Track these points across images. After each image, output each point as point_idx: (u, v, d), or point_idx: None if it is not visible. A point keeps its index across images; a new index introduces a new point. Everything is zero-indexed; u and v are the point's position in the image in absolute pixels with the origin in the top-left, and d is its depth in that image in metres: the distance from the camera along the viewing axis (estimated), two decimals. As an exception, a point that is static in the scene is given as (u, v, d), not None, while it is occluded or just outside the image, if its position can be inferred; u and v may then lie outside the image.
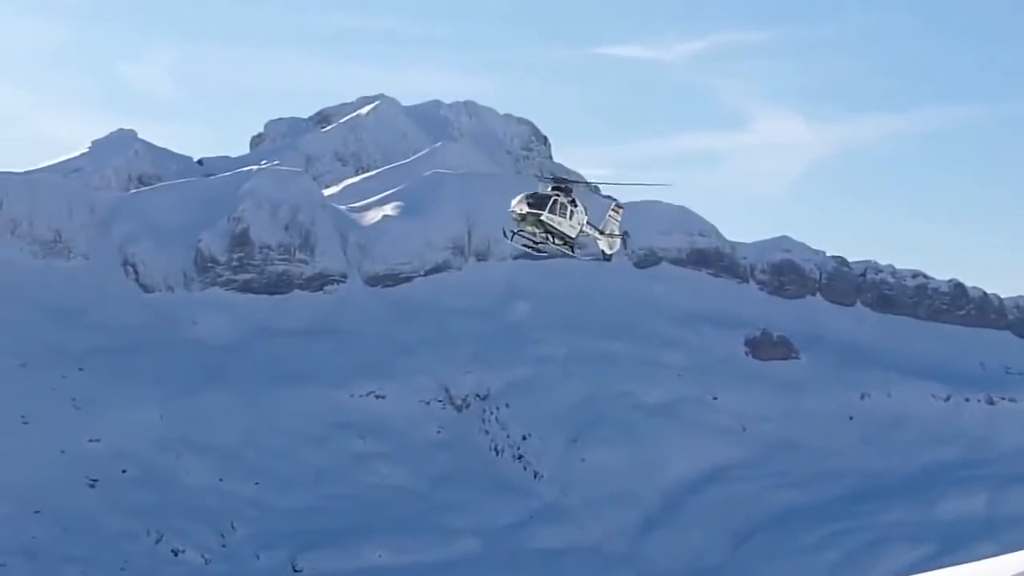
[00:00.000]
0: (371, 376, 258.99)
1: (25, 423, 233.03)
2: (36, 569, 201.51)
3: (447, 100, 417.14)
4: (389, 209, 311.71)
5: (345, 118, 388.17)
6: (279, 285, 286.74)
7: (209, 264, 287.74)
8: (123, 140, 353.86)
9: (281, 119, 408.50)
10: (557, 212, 68.30)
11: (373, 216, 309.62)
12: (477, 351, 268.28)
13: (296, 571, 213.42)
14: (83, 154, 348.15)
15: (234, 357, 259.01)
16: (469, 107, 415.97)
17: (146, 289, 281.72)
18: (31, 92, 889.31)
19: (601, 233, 73.13)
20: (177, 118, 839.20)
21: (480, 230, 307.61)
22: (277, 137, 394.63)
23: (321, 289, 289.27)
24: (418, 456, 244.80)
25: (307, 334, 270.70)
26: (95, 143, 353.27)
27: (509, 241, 70.16)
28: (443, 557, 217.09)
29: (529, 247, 69.76)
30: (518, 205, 67.97)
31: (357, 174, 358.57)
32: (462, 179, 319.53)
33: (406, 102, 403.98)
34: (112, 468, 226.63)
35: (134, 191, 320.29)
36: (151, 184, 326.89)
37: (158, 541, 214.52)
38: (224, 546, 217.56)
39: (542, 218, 67.96)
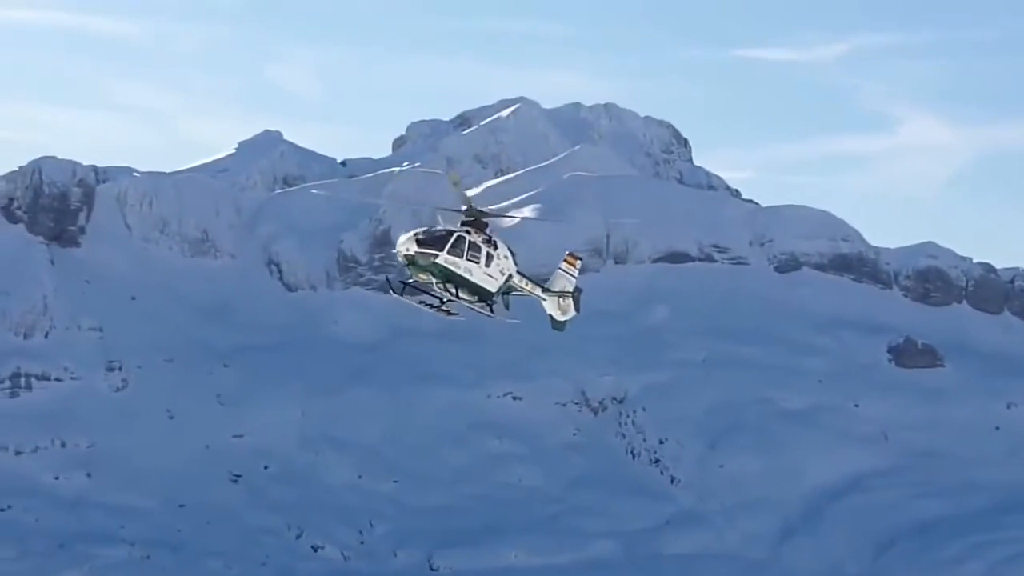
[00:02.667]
0: (508, 378, 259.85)
1: (171, 418, 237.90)
2: (179, 561, 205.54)
3: (587, 103, 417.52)
4: (528, 211, 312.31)
5: (485, 120, 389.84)
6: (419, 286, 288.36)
7: (351, 264, 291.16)
8: (269, 141, 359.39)
9: (423, 121, 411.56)
10: (464, 255, 53.06)
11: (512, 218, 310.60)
12: (614, 354, 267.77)
13: (432, 569, 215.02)
14: (230, 155, 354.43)
15: (375, 356, 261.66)
16: (609, 109, 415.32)
17: (289, 288, 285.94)
18: (180, 94, 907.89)
19: (546, 291, 56.49)
20: (322, 120, 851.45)
21: (619, 232, 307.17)
22: (419, 139, 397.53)
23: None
24: (554, 458, 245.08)
25: (446, 335, 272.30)
26: (241, 144, 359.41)
27: (397, 296, 54.40)
28: (578, 559, 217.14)
29: (426, 305, 53.99)
30: (406, 243, 52.95)
31: (496, 176, 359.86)
32: (601, 181, 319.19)
33: (546, 105, 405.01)
34: (255, 464, 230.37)
35: (279, 191, 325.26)
36: (295, 185, 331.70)
37: (298, 537, 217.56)
38: (362, 543, 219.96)
39: (438, 261, 52.57)
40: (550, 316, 56.99)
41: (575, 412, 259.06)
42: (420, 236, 53.36)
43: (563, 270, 56.76)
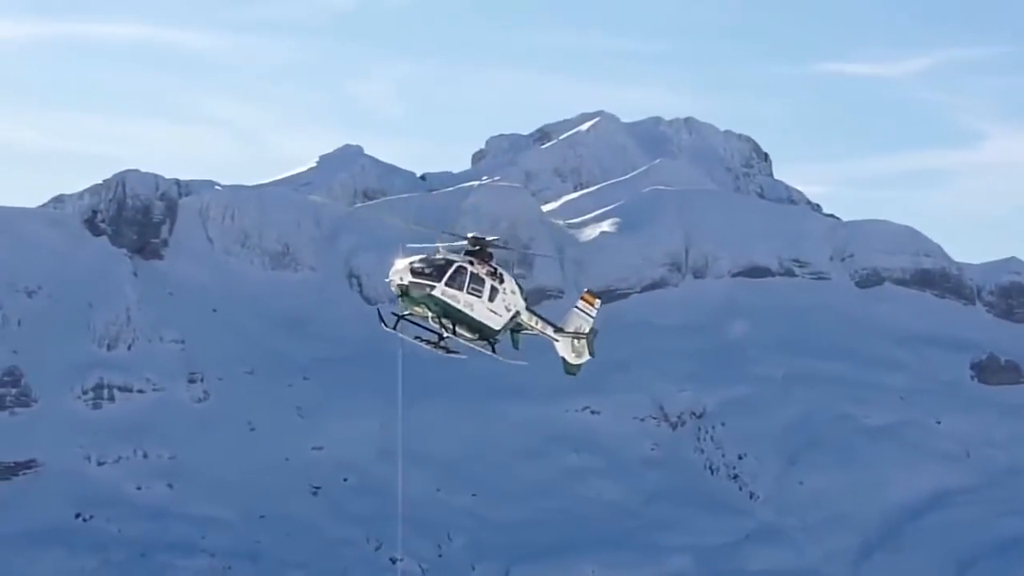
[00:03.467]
0: (586, 392, 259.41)
1: (252, 429, 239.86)
2: (259, 572, 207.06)
3: (667, 116, 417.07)
4: (607, 225, 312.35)
5: (565, 134, 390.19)
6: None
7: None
8: (350, 155, 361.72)
9: (502, 135, 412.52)
10: (465, 287, 48.44)
11: (591, 232, 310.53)
12: (693, 369, 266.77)
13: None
14: (311, 168, 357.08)
15: (453, 370, 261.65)
16: (689, 124, 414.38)
17: (369, 301, 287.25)
18: (263, 108, 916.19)
19: (558, 331, 52.00)
20: (402, 134, 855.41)
21: (698, 247, 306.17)
22: (498, 153, 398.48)
23: (538, 304, 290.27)
24: (632, 472, 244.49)
25: (525, 349, 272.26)
26: (323, 158, 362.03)
27: (390, 329, 48.88)
28: (655, 574, 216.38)
29: (422, 341, 48.81)
30: (399, 272, 48.60)
31: (576, 190, 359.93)
32: (681, 196, 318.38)
33: (626, 119, 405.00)
34: (334, 476, 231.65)
35: (359, 205, 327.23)
36: (376, 198, 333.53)
37: (377, 549, 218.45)
38: (440, 556, 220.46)
39: (435, 294, 47.89)
40: (562, 359, 52.59)
41: (653, 427, 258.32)
42: (415, 265, 48.87)
43: (579, 309, 52.28)
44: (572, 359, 52.46)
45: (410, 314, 48.92)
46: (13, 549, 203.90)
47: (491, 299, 49.20)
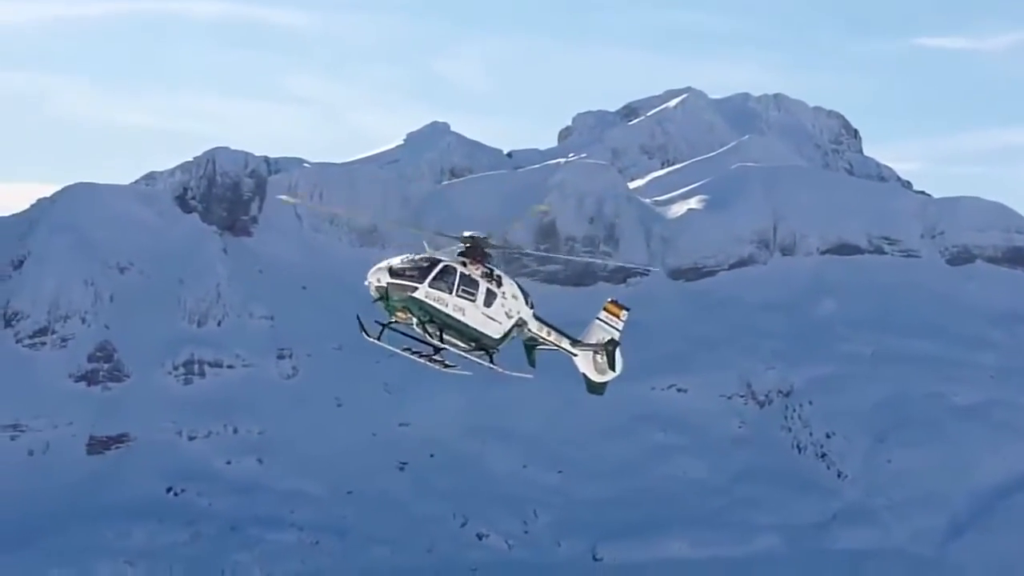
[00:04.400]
0: (673, 370, 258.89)
1: (339, 405, 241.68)
2: (346, 547, 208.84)
3: (755, 93, 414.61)
4: (694, 202, 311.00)
5: (652, 111, 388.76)
6: (583, 277, 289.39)
7: (516, 255, 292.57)
8: (436, 133, 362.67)
9: (589, 112, 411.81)
10: (454, 289, 43.62)
11: (678, 209, 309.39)
12: (781, 347, 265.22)
13: (596, 560, 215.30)
14: (398, 146, 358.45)
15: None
16: (778, 100, 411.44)
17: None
18: (351, 86, 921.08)
19: (576, 343, 46.87)
20: (489, 111, 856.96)
21: (786, 224, 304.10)
22: (585, 130, 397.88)
23: (624, 282, 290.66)
24: (719, 451, 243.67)
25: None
26: (410, 136, 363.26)
27: (372, 340, 44.59)
28: (743, 553, 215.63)
29: (412, 353, 44.26)
30: (376, 273, 44.68)
31: (663, 167, 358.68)
32: (769, 172, 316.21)
33: (714, 95, 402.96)
34: (420, 452, 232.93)
35: (446, 183, 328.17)
36: (462, 176, 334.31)
37: (463, 525, 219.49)
38: (527, 532, 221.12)
39: (416, 296, 43.48)
40: (583, 377, 46.30)
41: (740, 405, 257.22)
42: (396, 265, 44.27)
43: (602, 321, 46.59)
44: (595, 376, 46.97)
45: (395, 322, 43.95)
46: (106, 522, 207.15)
47: (487, 303, 43.87)
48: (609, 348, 46.71)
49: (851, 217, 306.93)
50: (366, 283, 44.34)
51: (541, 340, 46.59)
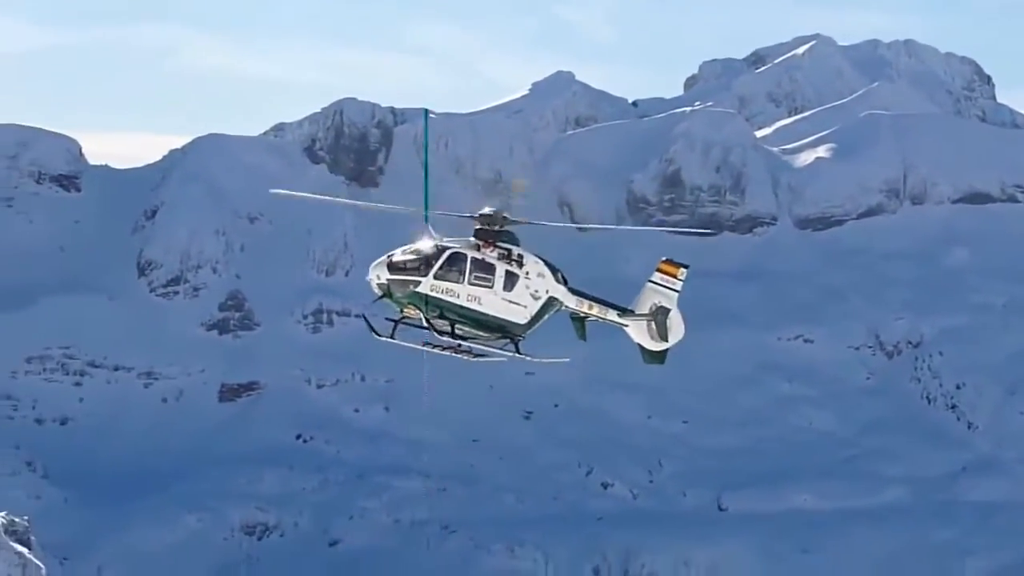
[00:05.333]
0: (799, 320, 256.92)
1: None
2: (473, 495, 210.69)
3: (885, 39, 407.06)
4: (822, 151, 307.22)
5: (780, 59, 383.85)
6: (709, 226, 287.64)
7: (641, 205, 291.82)
8: (562, 82, 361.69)
9: (715, 60, 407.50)
10: (465, 278, 40.06)
11: (806, 158, 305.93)
12: (910, 297, 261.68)
13: (721, 510, 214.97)
14: (523, 96, 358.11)
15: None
16: (909, 46, 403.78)
17: (581, 229, 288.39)
18: (477, 35, 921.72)
19: (624, 313, 43.12)
20: (614, 60, 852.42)
21: (917, 172, 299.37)
22: (711, 78, 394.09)
23: (751, 231, 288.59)
24: (846, 402, 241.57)
25: (736, 276, 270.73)
26: (535, 85, 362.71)
27: (385, 338, 41.41)
28: (870, 505, 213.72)
29: (433, 347, 41.29)
30: (375, 269, 40.96)
31: (790, 115, 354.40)
32: (899, 120, 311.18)
33: (843, 41, 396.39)
34: (545, 402, 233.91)
35: (571, 132, 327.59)
36: (587, 125, 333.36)
37: (588, 474, 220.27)
38: (651, 482, 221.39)
39: (420, 290, 39.96)
40: (639, 347, 42.97)
41: (869, 356, 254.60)
42: (396, 257, 40.43)
43: (656, 283, 42.21)
44: (651, 345, 42.87)
45: (407, 318, 40.24)
46: (236, 468, 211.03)
47: (508, 287, 40.20)
48: (659, 318, 42.15)
49: (983, 165, 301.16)
50: (367, 279, 40.72)
51: (585, 315, 43.21)
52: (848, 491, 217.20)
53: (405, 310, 40.36)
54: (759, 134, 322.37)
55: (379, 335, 41.59)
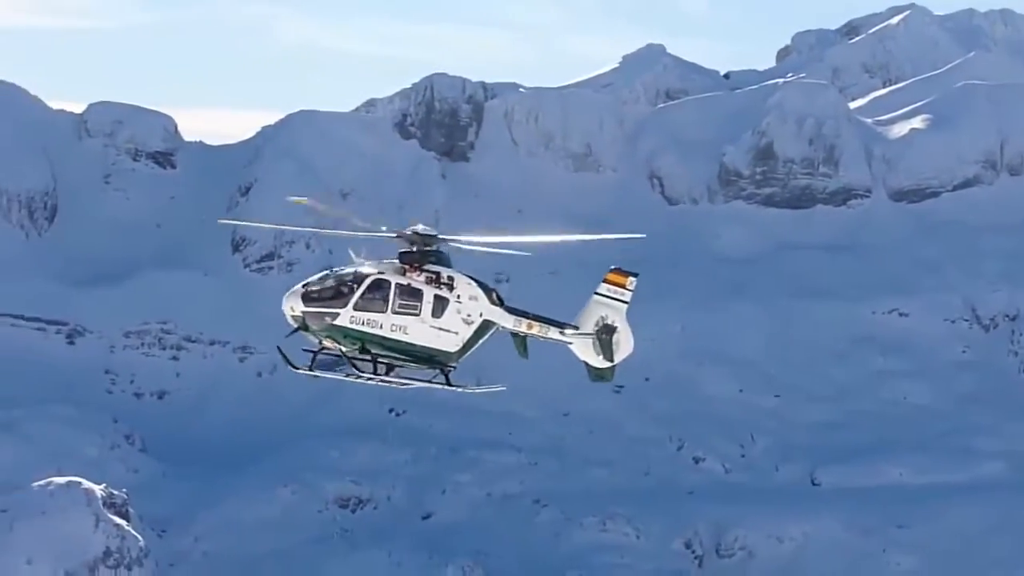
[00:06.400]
0: (894, 293, 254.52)
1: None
2: (564, 468, 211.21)
3: (981, 8, 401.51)
4: (917, 122, 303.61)
5: (874, 29, 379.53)
6: (802, 199, 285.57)
7: (732, 178, 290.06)
8: (652, 55, 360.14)
9: (808, 31, 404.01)
10: (389, 306, 37.30)
11: (900, 129, 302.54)
12: (1007, 269, 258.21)
13: (815, 484, 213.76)
14: (614, 69, 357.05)
15: (755, 270, 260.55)
16: (1005, 15, 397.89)
17: (670, 202, 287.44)
18: (567, 10, 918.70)
19: (565, 329, 40.57)
20: (705, 32, 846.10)
21: (1014, 144, 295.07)
22: (804, 49, 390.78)
23: (844, 203, 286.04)
24: (942, 375, 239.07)
25: (829, 249, 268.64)
26: (625, 58, 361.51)
27: (303, 371, 38.88)
28: (966, 479, 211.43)
29: (358, 377, 37.96)
30: (289, 299, 38.02)
31: (885, 86, 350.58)
32: (995, 91, 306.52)
33: (938, 11, 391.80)
34: (636, 376, 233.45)
35: (661, 105, 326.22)
36: (678, 98, 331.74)
37: (680, 448, 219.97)
38: (743, 456, 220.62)
39: (339, 323, 37.13)
40: (585, 364, 40.38)
41: (964, 329, 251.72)
42: (311, 288, 37.53)
43: (603, 295, 40.03)
44: (597, 363, 40.48)
45: (326, 349, 37.54)
46: (330, 441, 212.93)
47: (437, 314, 37.91)
48: (604, 337, 39.83)
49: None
50: (282, 309, 37.48)
51: (523, 334, 40.51)
52: (943, 465, 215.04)
53: (324, 342, 37.70)
54: (853, 105, 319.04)
55: (296, 368, 38.92)
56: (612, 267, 41.33)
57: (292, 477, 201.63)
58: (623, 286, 40.56)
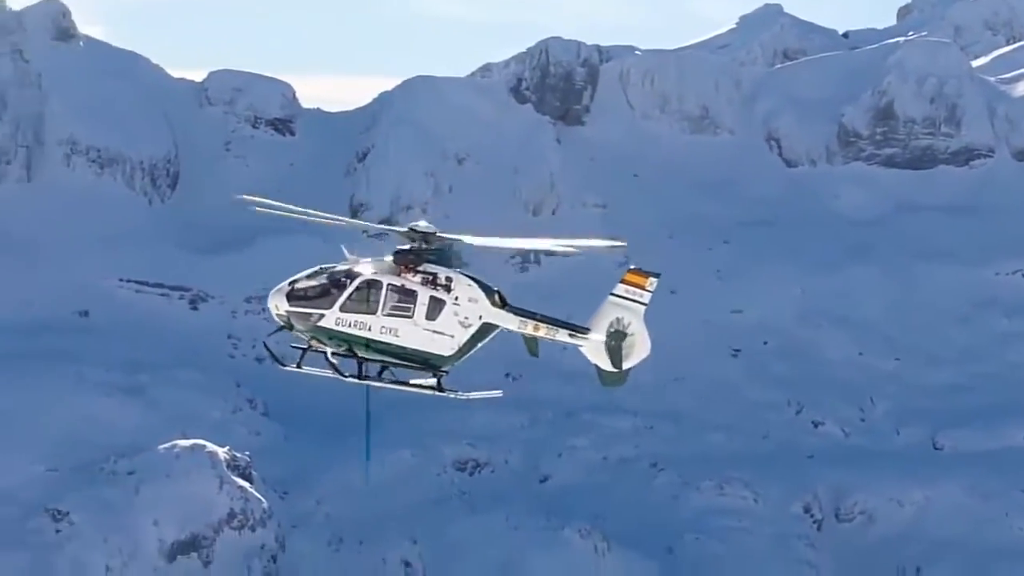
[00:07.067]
0: (1017, 254, 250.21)
1: (672, 293, 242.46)
2: (681, 432, 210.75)
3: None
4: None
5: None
6: (923, 160, 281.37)
7: (852, 138, 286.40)
8: (770, 15, 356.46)
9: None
10: (379, 308, 36.42)
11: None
12: None
13: (936, 448, 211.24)
14: (731, 30, 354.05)
15: (876, 232, 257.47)
16: None
17: (789, 164, 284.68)
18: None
19: (575, 332, 39.01)
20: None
21: None
22: (926, 7, 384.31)
23: (967, 164, 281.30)
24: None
25: (951, 210, 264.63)
26: (742, 19, 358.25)
27: (291, 369, 37.58)
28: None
29: (344, 376, 37.54)
30: (275, 298, 36.85)
31: (1008, 44, 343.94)
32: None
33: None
34: (754, 339, 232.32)
35: (779, 66, 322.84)
36: (796, 58, 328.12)
37: (798, 412, 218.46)
38: (863, 420, 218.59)
39: (324, 324, 36.24)
40: (595, 368, 38.59)
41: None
42: (298, 285, 36.22)
43: (619, 296, 38.06)
44: (606, 365, 38.71)
45: (311, 348, 36.38)
46: (448, 406, 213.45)
47: (431, 316, 36.65)
48: (613, 343, 37.74)
49: None
50: (268, 306, 36.34)
51: (532, 336, 38.44)
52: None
53: (311, 342, 36.65)
54: (975, 64, 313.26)
55: (283, 365, 37.67)
56: (631, 267, 39.35)
57: (411, 440, 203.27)
58: (642, 287, 38.75)
